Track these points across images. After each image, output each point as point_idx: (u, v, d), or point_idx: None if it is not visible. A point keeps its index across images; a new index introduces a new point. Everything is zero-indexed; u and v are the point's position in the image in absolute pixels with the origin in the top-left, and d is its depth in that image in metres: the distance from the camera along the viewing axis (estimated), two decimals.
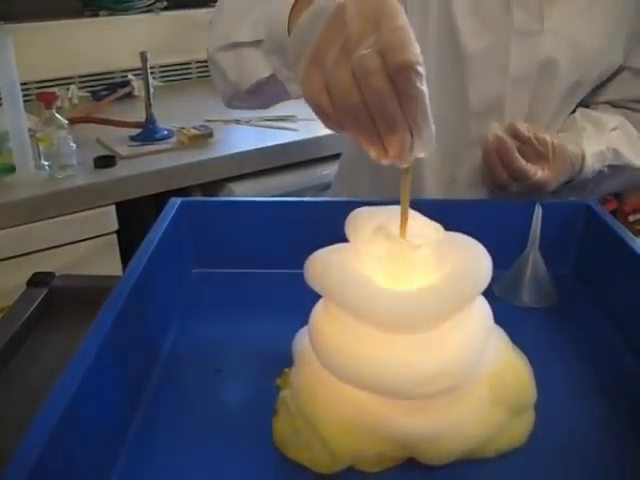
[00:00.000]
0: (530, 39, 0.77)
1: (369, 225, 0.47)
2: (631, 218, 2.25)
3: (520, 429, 0.49)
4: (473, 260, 0.46)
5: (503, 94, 0.80)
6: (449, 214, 0.50)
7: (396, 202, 0.46)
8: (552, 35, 0.77)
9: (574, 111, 0.86)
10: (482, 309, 0.48)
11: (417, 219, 0.48)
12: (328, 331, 0.46)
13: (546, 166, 0.77)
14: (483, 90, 0.80)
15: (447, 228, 0.48)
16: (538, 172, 0.76)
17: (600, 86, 0.85)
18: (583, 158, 0.80)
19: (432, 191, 0.85)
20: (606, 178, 0.83)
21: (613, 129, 0.83)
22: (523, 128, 0.77)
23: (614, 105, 0.87)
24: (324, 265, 0.46)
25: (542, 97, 0.81)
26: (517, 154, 0.76)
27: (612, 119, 0.84)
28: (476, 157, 0.81)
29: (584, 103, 0.86)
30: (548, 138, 0.77)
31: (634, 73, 0.84)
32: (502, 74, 0.78)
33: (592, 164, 0.80)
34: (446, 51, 0.78)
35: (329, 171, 1.50)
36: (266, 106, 0.84)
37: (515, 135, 0.76)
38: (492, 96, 0.80)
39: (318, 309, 0.49)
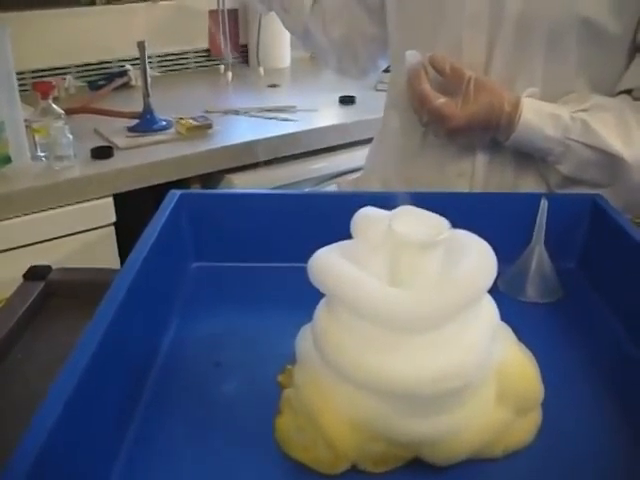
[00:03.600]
0: None
1: (375, 224, 0.46)
2: None
3: (527, 428, 0.48)
4: (479, 260, 0.45)
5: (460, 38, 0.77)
6: (453, 207, 0.49)
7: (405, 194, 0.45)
8: None
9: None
10: (488, 308, 0.47)
11: (422, 214, 0.47)
12: (332, 330, 0.45)
13: (460, 101, 0.74)
14: (445, 38, 0.78)
15: (451, 222, 0.47)
16: (441, 99, 0.74)
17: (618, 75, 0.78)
18: (517, 106, 0.73)
19: (401, 152, 0.86)
20: (587, 165, 0.75)
21: (599, 107, 0.74)
22: (439, 57, 0.75)
23: (636, 98, 0.77)
24: (327, 264, 0.45)
25: (496, 42, 0.76)
26: (424, 78, 0.75)
27: (609, 101, 0.76)
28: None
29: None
30: (467, 72, 0.74)
31: None
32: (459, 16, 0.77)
33: (536, 121, 0.73)
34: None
35: (329, 163, 1.49)
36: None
37: (432, 64, 0.75)
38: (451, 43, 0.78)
39: (322, 307, 0.48)
